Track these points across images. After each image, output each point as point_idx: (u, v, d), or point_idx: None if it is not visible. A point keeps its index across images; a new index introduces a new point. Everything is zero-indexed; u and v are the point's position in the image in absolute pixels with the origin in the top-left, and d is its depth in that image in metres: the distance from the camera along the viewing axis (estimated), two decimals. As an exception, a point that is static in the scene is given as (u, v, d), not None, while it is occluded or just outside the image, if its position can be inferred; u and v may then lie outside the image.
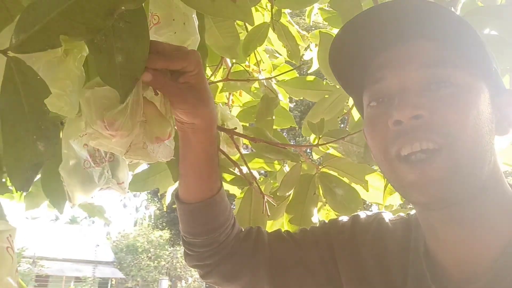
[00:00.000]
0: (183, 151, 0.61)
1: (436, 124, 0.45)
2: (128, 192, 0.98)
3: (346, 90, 0.60)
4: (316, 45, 1.48)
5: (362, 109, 0.57)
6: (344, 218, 0.67)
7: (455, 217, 0.49)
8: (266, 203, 0.86)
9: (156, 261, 18.98)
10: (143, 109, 0.50)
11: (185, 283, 18.90)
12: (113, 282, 19.83)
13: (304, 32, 1.56)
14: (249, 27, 1.05)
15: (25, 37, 0.42)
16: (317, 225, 0.69)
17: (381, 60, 0.51)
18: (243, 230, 0.70)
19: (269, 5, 1.09)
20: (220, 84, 1.11)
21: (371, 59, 0.52)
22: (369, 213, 0.66)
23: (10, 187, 0.94)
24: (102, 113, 0.49)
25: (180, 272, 18.58)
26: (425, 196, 0.46)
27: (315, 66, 1.50)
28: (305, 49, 1.57)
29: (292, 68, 1.15)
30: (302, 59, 1.39)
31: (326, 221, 0.69)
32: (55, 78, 0.52)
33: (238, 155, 0.93)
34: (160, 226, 16.41)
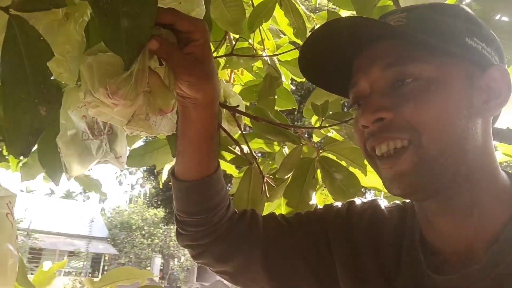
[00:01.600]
0: (182, 127, 0.59)
1: (399, 123, 0.47)
2: (125, 167, 0.97)
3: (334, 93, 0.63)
4: (321, 27, 1.45)
5: None
6: (339, 204, 0.67)
7: (445, 206, 0.49)
8: (265, 184, 0.85)
9: (149, 239, 19.15)
10: (147, 79, 0.49)
11: (178, 261, 19.15)
12: (106, 258, 20.05)
13: (310, 14, 1.52)
14: (256, 2, 1.03)
15: (28, -6, 0.40)
16: (312, 210, 0.69)
17: (355, 65, 0.53)
18: (237, 212, 0.69)
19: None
20: (222, 62, 1.09)
21: (348, 65, 0.54)
22: (364, 199, 0.66)
23: (6, 157, 0.92)
24: (105, 81, 0.47)
25: (173, 250, 18.78)
26: (399, 189, 0.48)
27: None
28: (310, 30, 1.54)
29: (296, 48, 1.13)
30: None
31: (321, 207, 0.69)
32: (55, 42, 0.50)
33: (239, 133, 0.91)
34: (154, 205, 16.53)
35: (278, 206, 1.10)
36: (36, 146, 0.90)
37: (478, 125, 0.48)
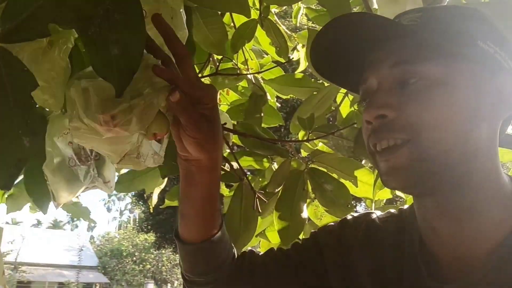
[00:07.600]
0: (185, 191, 0.59)
1: (401, 122, 0.47)
2: (114, 192, 0.96)
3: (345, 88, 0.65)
4: (303, 45, 1.48)
5: None
6: (333, 223, 0.67)
7: (443, 207, 0.49)
8: (257, 199, 0.85)
9: (141, 265, 18.74)
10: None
11: (171, 286, 18.72)
12: (97, 287, 19.50)
13: (291, 33, 1.55)
14: (237, 24, 1.05)
15: (12, 26, 0.40)
16: (308, 236, 0.69)
17: (366, 62, 0.53)
18: (236, 257, 0.68)
19: (257, 2, 1.08)
20: (207, 82, 1.10)
21: (360, 61, 0.54)
22: (356, 214, 0.66)
23: (-9, 188, 0.90)
24: (103, 107, 0.47)
25: (166, 275, 18.40)
26: (394, 182, 0.49)
27: (301, 66, 1.50)
28: (292, 50, 1.57)
29: (278, 65, 1.15)
30: (289, 59, 1.40)
31: (315, 230, 0.69)
32: (40, 70, 0.51)
33: (228, 151, 0.92)
34: (145, 230, 16.23)
35: (271, 223, 1.10)
36: (21, 177, 0.89)
37: (483, 129, 0.48)
